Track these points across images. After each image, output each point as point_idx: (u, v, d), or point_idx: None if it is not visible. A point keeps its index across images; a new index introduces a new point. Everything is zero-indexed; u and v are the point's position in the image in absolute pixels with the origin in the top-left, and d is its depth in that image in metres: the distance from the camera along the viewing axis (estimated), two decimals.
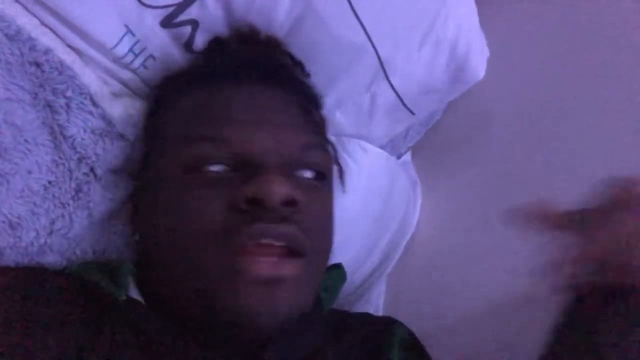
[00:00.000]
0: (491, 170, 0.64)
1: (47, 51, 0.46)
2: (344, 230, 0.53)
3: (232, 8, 0.51)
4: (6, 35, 0.44)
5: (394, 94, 0.63)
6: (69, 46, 0.48)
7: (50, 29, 0.47)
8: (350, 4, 0.53)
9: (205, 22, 0.51)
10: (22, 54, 0.45)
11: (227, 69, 0.47)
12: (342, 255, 0.56)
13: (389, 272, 0.68)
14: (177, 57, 0.52)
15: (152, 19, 0.49)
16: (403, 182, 0.70)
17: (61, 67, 0.46)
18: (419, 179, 0.73)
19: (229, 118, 0.43)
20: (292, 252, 0.41)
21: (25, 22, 0.45)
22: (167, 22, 0.50)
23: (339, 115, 0.63)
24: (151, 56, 0.51)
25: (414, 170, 0.75)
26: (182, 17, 0.50)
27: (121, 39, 0.49)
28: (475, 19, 0.64)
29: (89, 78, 0.48)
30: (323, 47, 0.55)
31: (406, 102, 0.64)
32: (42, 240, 0.45)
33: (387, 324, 0.54)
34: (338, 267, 0.55)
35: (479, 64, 0.65)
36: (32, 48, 0.45)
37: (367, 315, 0.58)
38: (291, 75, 0.52)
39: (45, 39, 0.46)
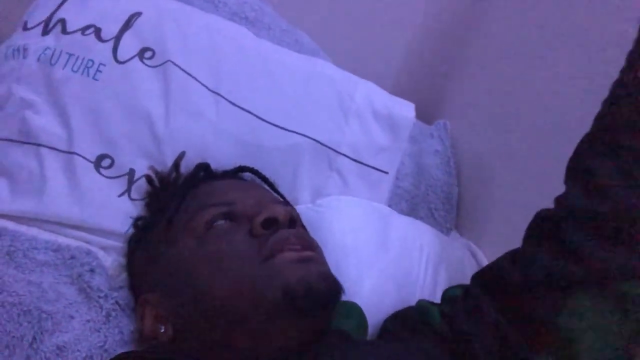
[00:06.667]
0: None
1: (77, 247, 0.63)
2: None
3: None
4: (54, 250, 0.63)
5: (352, 162, 0.73)
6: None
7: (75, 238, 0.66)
8: (266, 121, 0.71)
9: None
10: (63, 255, 0.63)
11: (209, 176, 0.64)
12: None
13: None
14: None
15: None
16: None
17: (87, 252, 0.63)
18: None
19: (224, 191, 0.59)
20: (306, 249, 0.52)
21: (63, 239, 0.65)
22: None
23: (320, 201, 0.71)
24: None
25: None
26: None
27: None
28: (377, 87, 0.80)
29: (104, 256, 0.64)
30: (270, 161, 0.70)
31: (369, 164, 0.74)
32: (83, 354, 0.52)
33: None
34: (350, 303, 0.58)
35: (404, 111, 0.78)
36: (67, 249, 0.63)
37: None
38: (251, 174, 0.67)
39: (76, 243, 0.64)
